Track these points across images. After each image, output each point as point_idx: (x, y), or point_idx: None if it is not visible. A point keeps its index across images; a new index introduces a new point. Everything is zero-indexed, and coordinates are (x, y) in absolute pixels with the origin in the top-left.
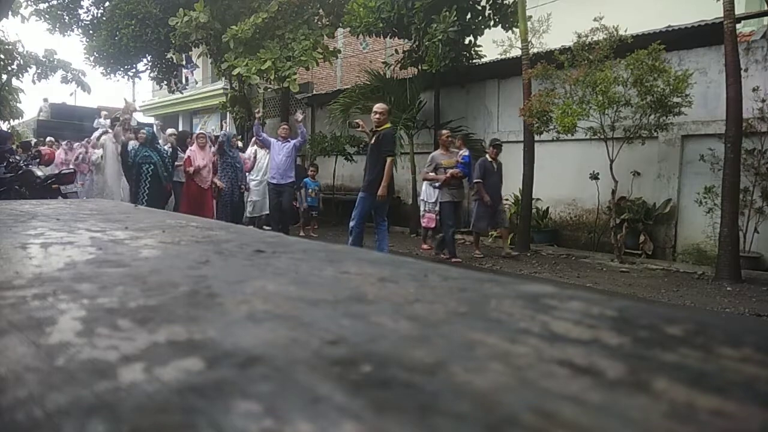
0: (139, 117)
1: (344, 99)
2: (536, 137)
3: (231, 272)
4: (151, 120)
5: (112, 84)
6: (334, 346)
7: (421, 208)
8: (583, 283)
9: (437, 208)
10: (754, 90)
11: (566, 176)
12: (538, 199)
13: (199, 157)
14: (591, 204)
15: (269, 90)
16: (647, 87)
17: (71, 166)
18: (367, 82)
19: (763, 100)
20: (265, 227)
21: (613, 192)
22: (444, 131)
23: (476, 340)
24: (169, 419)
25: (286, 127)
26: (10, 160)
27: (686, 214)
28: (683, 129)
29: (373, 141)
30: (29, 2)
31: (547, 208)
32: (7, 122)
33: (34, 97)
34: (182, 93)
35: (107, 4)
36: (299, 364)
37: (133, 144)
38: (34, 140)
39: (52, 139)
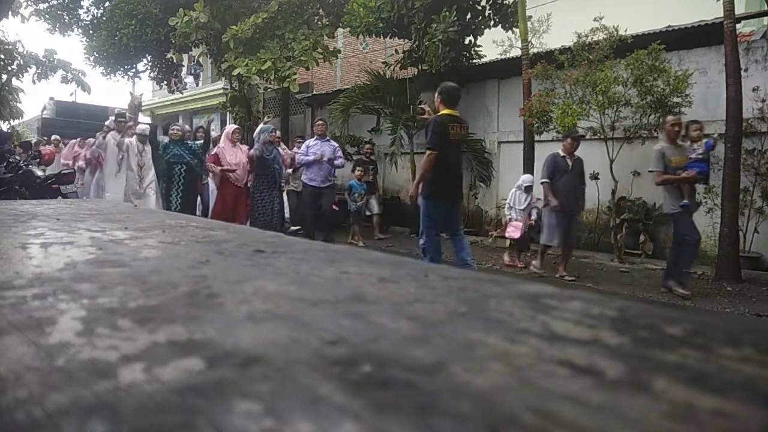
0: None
1: (344, 99)
2: (536, 137)
3: (231, 272)
4: (150, 120)
5: (113, 84)
6: (334, 346)
7: (507, 215)
8: (583, 283)
9: (534, 217)
10: (754, 90)
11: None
12: (538, 199)
13: (230, 154)
14: (591, 204)
15: (269, 90)
16: (647, 87)
17: (81, 163)
18: (367, 82)
19: (763, 100)
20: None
21: (613, 192)
22: (669, 117)
23: (476, 340)
24: (169, 419)
25: (321, 123)
26: (10, 160)
27: None
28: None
29: None
30: (29, 2)
31: None
32: (7, 122)
33: (34, 97)
34: (182, 93)
35: (107, 4)
36: (299, 364)
37: (163, 139)
38: (35, 139)
39: (58, 137)
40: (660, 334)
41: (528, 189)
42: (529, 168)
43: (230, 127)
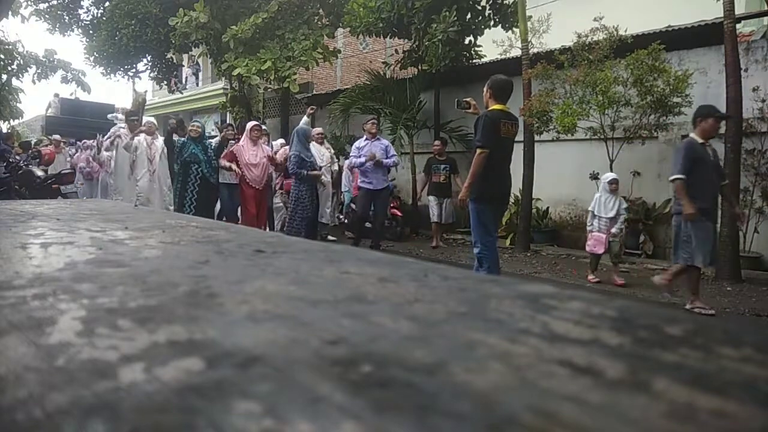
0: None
1: (344, 99)
2: (536, 137)
3: (231, 272)
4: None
5: (113, 84)
6: (334, 346)
7: (588, 225)
8: (583, 283)
9: (619, 227)
10: (754, 90)
11: (566, 176)
12: (538, 199)
13: (249, 152)
14: (591, 204)
15: (269, 90)
16: (647, 87)
17: (87, 167)
18: (367, 82)
19: (763, 100)
20: (330, 237)
21: None
22: None
23: (476, 340)
24: (169, 419)
25: (374, 122)
26: (10, 160)
27: None
28: (683, 129)
29: None
30: (29, 2)
31: (547, 208)
32: (7, 122)
33: (34, 97)
34: (182, 93)
35: (107, 4)
36: (299, 364)
37: (179, 138)
38: (34, 139)
39: (59, 137)
40: (660, 334)
41: (614, 187)
42: (529, 167)
43: (250, 123)
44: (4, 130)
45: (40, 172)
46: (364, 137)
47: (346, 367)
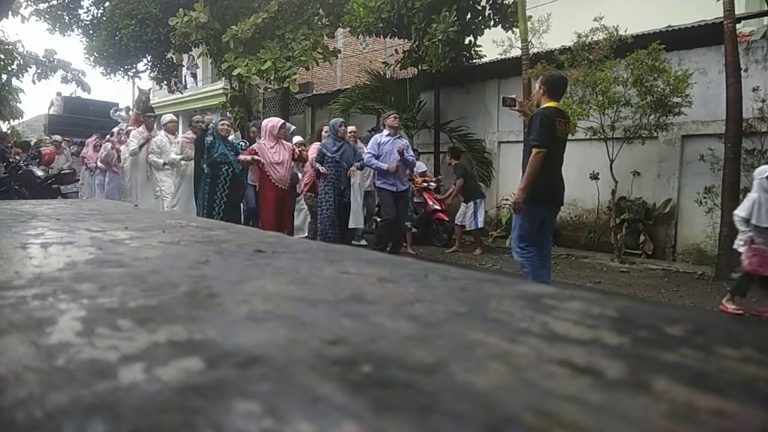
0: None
1: (344, 99)
2: None
3: (231, 272)
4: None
5: (113, 84)
6: (334, 346)
7: (742, 235)
8: (583, 283)
9: None
10: (754, 90)
11: (566, 176)
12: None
13: (271, 151)
14: (591, 204)
15: (269, 90)
16: (647, 87)
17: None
18: (367, 82)
19: (763, 100)
20: (354, 242)
21: (613, 192)
22: None
23: (476, 340)
24: (169, 419)
25: (396, 116)
26: (10, 160)
27: (686, 214)
28: (683, 129)
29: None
30: (29, 2)
31: None
32: (7, 122)
33: (34, 97)
34: (182, 93)
35: (107, 4)
36: (299, 364)
37: (207, 138)
38: (35, 139)
39: (59, 138)
40: (660, 334)
41: None
42: None
43: (275, 121)
44: (4, 130)
45: (40, 172)
46: (386, 132)
47: (346, 367)
